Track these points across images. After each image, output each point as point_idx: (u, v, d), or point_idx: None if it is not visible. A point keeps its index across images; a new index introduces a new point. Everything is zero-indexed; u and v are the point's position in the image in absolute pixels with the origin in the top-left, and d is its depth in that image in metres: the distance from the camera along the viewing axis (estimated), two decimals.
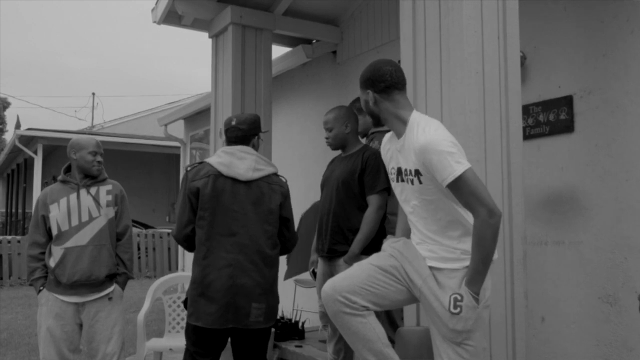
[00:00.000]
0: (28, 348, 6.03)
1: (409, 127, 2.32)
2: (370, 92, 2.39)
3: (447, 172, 2.15)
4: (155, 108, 21.29)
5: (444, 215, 2.29)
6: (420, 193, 2.29)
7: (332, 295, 2.35)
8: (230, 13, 4.98)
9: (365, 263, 2.45)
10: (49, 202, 3.57)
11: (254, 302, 2.97)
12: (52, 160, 18.74)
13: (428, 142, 2.20)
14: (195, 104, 9.52)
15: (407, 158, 2.31)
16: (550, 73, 3.82)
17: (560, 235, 3.70)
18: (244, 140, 3.16)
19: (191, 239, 3.07)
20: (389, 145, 2.50)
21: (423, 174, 2.25)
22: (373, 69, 2.43)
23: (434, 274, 2.30)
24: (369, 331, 2.33)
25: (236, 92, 4.99)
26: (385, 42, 5.47)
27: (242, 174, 3.04)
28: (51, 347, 3.48)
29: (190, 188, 3.02)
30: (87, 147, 3.62)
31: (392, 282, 2.36)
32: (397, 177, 2.41)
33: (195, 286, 2.99)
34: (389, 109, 2.39)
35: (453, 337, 2.23)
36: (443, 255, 2.30)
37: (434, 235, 2.32)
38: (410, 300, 2.44)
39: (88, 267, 3.48)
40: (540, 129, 3.82)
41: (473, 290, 2.19)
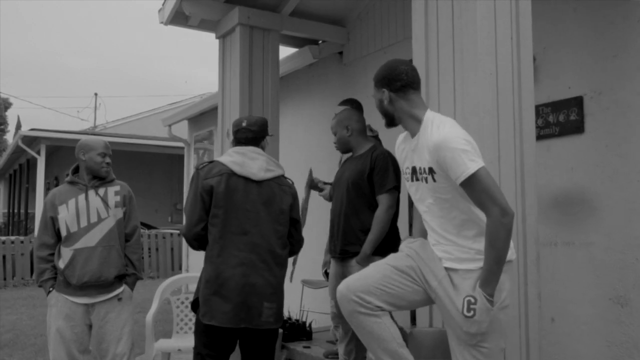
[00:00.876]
0: (34, 349, 6.02)
1: (424, 125, 2.32)
2: (386, 91, 2.39)
3: (461, 170, 2.15)
4: (158, 108, 21.28)
5: (458, 214, 2.29)
6: (435, 191, 2.29)
7: (347, 295, 2.35)
8: (238, 14, 4.98)
9: (381, 263, 2.44)
10: (58, 203, 3.56)
11: (265, 301, 2.97)
12: (55, 160, 18.75)
13: (442, 140, 2.20)
14: (199, 104, 9.53)
15: (422, 156, 2.30)
16: (560, 74, 3.82)
17: (571, 236, 3.69)
18: (254, 142, 3.18)
19: (202, 237, 3.06)
20: (403, 145, 2.50)
21: (437, 172, 2.24)
22: (389, 68, 2.43)
23: (449, 275, 2.30)
24: (383, 331, 2.33)
25: (244, 93, 4.99)
26: (392, 42, 5.47)
27: (254, 174, 3.05)
28: (61, 348, 3.48)
29: (204, 186, 3.02)
30: (97, 148, 3.62)
31: (408, 283, 2.35)
32: (411, 177, 2.41)
33: (209, 285, 2.97)
34: (404, 108, 2.38)
35: (467, 339, 2.22)
36: (458, 256, 2.29)
37: (449, 235, 2.31)
38: (426, 302, 2.43)
39: (97, 268, 3.47)
40: (550, 130, 3.81)
41: (487, 292, 2.17)
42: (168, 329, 6.08)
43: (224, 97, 5.26)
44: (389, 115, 2.44)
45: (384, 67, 2.47)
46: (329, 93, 6.45)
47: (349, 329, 3.57)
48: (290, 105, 6.90)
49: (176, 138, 10.43)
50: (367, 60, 5.85)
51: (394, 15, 5.48)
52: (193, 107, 9.75)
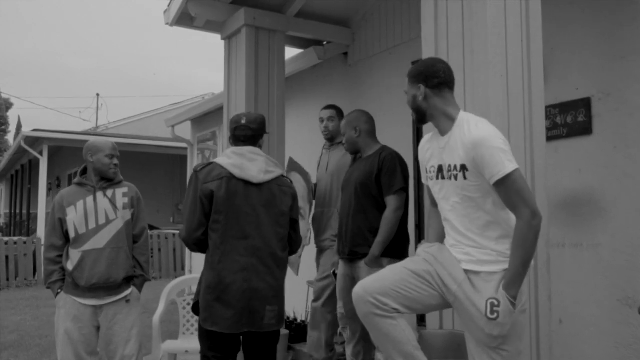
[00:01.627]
0: (39, 350, 6.02)
1: (457, 124, 2.33)
2: (422, 87, 2.39)
3: (498, 169, 2.17)
4: (160, 109, 21.29)
5: (483, 215, 2.29)
6: (463, 189, 2.29)
7: (363, 296, 2.35)
8: (244, 15, 4.98)
9: (398, 266, 2.44)
10: (66, 205, 3.56)
11: (268, 305, 2.95)
12: (56, 161, 18.76)
13: (483, 137, 2.21)
14: (202, 105, 9.54)
15: (453, 154, 2.31)
16: (568, 75, 3.81)
17: (579, 237, 3.69)
18: (253, 140, 3.13)
19: (202, 242, 3.01)
20: (429, 144, 2.51)
21: (470, 169, 2.25)
22: (427, 65, 2.45)
23: (470, 278, 2.29)
24: (399, 333, 2.33)
25: (250, 94, 4.99)
26: (398, 43, 5.47)
27: (254, 176, 3.00)
28: (69, 349, 3.48)
29: (203, 190, 2.95)
30: (104, 150, 3.62)
31: (424, 287, 2.35)
32: (437, 175, 2.41)
33: (210, 291, 2.93)
34: (438, 106, 2.39)
35: (489, 342, 2.22)
36: (480, 258, 2.29)
37: (472, 235, 2.31)
38: (442, 306, 2.43)
39: (106, 270, 3.48)
40: (557, 131, 3.81)
41: (511, 294, 2.18)
42: (172, 329, 6.08)
43: (229, 98, 5.26)
44: (422, 111, 2.44)
45: (421, 63, 2.49)
46: (333, 94, 6.44)
47: (356, 330, 3.57)
48: (295, 106, 6.89)
49: (179, 139, 10.44)
50: (373, 61, 5.85)
51: (400, 15, 5.48)
52: (196, 107, 9.75)
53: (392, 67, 5.57)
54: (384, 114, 5.44)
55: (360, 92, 5.99)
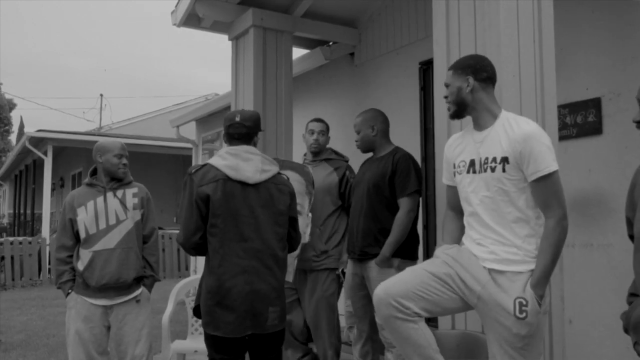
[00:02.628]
0: (47, 349, 6.03)
1: (500, 120, 2.37)
2: (471, 79, 2.40)
3: (544, 165, 2.21)
4: (163, 109, 21.31)
5: (513, 210, 2.31)
6: (499, 181, 2.31)
7: (385, 299, 2.35)
8: (252, 16, 4.99)
9: (418, 268, 2.45)
10: (77, 205, 3.57)
11: (270, 306, 2.90)
12: (60, 161, 18.78)
13: (534, 133, 2.26)
14: (207, 106, 9.57)
15: (493, 147, 2.33)
16: (578, 75, 3.81)
17: (589, 237, 3.69)
18: (247, 138, 3.02)
19: (200, 246, 2.93)
20: (460, 139, 2.54)
21: (511, 162, 2.27)
22: (476, 58, 2.48)
23: (494, 277, 2.30)
24: (420, 337, 2.33)
25: (258, 95, 5.00)
26: (405, 44, 5.48)
27: (250, 177, 2.90)
28: (80, 349, 3.49)
29: (199, 194, 2.87)
30: (113, 150, 3.62)
31: (445, 290, 2.36)
32: (468, 169, 2.42)
33: (210, 295, 2.86)
34: (483, 100, 2.41)
35: (516, 341, 2.23)
36: (506, 257, 2.29)
37: (501, 229, 2.32)
38: (461, 309, 2.44)
39: (116, 270, 3.48)
40: (567, 131, 3.81)
41: (538, 294, 2.21)
42: (178, 329, 6.09)
43: (237, 98, 5.27)
44: (464, 104, 2.44)
45: (469, 56, 2.52)
46: (340, 94, 6.45)
47: (364, 330, 3.57)
48: (301, 107, 6.90)
49: (184, 139, 10.47)
50: (379, 62, 5.86)
51: (407, 16, 5.48)
52: (201, 108, 9.79)
53: (399, 68, 5.57)
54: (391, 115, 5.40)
55: (367, 92, 5.99)
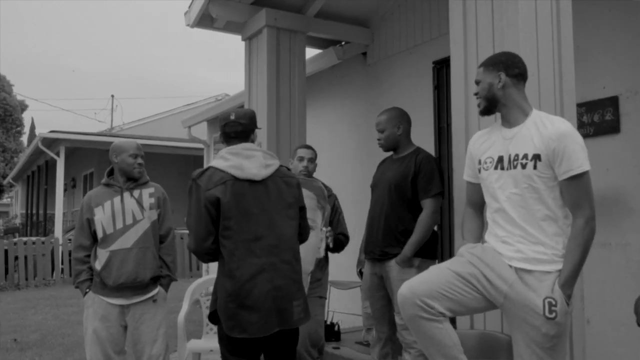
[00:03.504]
0: (62, 349, 6.07)
1: (532, 118, 2.37)
2: (502, 75, 2.40)
3: (577, 164, 2.22)
4: (173, 110, 21.42)
5: (542, 208, 2.30)
6: (529, 179, 2.30)
7: (411, 298, 2.34)
8: (265, 16, 4.99)
9: (442, 268, 2.43)
10: (94, 205, 3.59)
11: (294, 300, 2.87)
12: (71, 162, 18.90)
13: (569, 132, 2.27)
14: (219, 106, 9.60)
15: (525, 144, 2.33)
16: (594, 74, 3.79)
17: (606, 237, 3.67)
18: (243, 135, 2.98)
19: (214, 251, 2.87)
20: (486, 137, 2.53)
21: (543, 160, 2.27)
22: (507, 54, 2.47)
23: (521, 276, 2.29)
24: (444, 337, 2.32)
25: (271, 95, 5.00)
26: (419, 43, 5.47)
27: (256, 174, 2.86)
28: (97, 348, 3.51)
29: (208, 197, 2.81)
30: (128, 150, 3.64)
31: (469, 290, 2.34)
32: (496, 165, 2.41)
33: (231, 299, 2.80)
34: (514, 96, 2.41)
35: (544, 341, 2.21)
36: (533, 257, 2.28)
37: (528, 226, 2.31)
38: (485, 309, 2.43)
39: (133, 270, 3.50)
40: (584, 130, 3.79)
41: (566, 294, 2.20)
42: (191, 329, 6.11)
43: (250, 98, 5.28)
44: (495, 100, 2.43)
45: (501, 53, 2.51)
46: (352, 94, 6.45)
47: (383, 331, 3.55)
48: (314, 107, 6.90)
49: (196, 140, 10.52)
50: (392, 61, 5.85)
51: (420, 15, 5.47)
52: (213, 108, 9.82)
53: (412, 67, 5.57)
54: None
55: (380, 92, 5.99)
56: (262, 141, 4.90)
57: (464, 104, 2.97)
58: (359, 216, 5.08)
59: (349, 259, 4.43)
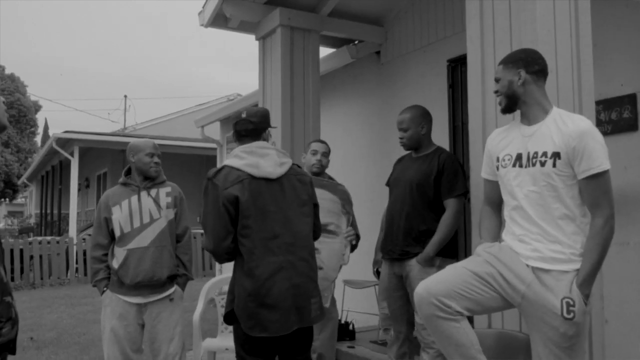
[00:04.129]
0: (78, 347, 6.12)
1: (552, 116, 2.35)
2: (522, 72, 2.38)
3: (597, 163, 2.20)
4: (186, 110, 21.48)
5: (560, 207, 2.28)
6: (548, 177, 2.28)
7: (427, 298, 2.33)
8: (279, 15, 5.00)
9: (459, 267, 2.42)
10: (111, 204, 3.62)
11: (312, 297, 2.88)
12: (85, 162, 19.04)
13: (591, 130, 2.25)
14: (232, 106, 9.63)
15: (544, 141, 2.31)
16: (612, 71, 3.76)
17: (625, 236, 3.64)
18: (255, 134, 2.98)
19: (233, 250, 2.86)
20: (504, 134, 2.51)
21: (562, 158, 2.26)
22: (527, 51, 2.45)
23: (538, 276, 2.27)
24: (462, 336, 2.31)
25: (285, 94, 5.01)
26: (432, 41, 5.45)
27: (271, 172, 2.87)
28: (115, 347, 3.53)
29: (226, 196, 2.79)
30: (144, 149, 3.66)
31: (486, 289, 2.34)
32: (514, 162, 2.40)
33: (251, 298, 2.78)
34: (534, 93, 2.39)
35: (562, 341, 2.20)
36: (550, 256, 2.27)
37: (546, 225, 2.30)
38: (502, 308, 2.41)
39: (150, 268, 3.52)
40: (602, 128, 3.75)
41: (584, 293, 2.18)
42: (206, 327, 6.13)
43: (264, 98, 5.29)
44: (516, 97, 2.41)
45: (520, 50, 2.50)
46: (366, 93, 6.44)
47: (401, 331, 3.53)
48: (327, 105, 6.90)
49: (209, 139, 10.55)
50: (405, 60, 5.84)
51: (434, 13, 5.46)
52: (226, 108, 9.86)
53: (426, 66, 5.55)
54: None
55: (393, 90, 5.97)
56: (276, 140, 4.90)
57: (480, 103, 2.96)
58: (372, 215, 5.08)
59: (364, 258, 4.42)
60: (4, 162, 31.89)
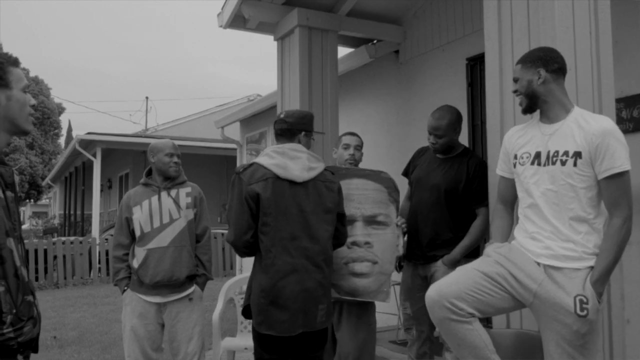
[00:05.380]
0: (101, 346, 6.20)
1: (573, 115, 2.34)
2: (542, 71, 2.37)
3: (619, 163, 2.19)
4: (206, 110, 21.63)
5: (576, 207, 2.27)
6: (568, 176, 2.27)
7: (439, 301, 2.33)
8: (297, 15, 5.01)
9: (470, 268, 2.42)
10: (132, 204, 3.67)
11: (320, 304, 2.91)
12: (108, 163, 19.27)
13: (613, 130, 2.24)
14: (252, 106, 9.67)
15: (566, 140, 2.30)
16: (633, 68, 3.71)
17: None
18: (289, 134, 3.01)
19: (252, 245, 2.91)
20: (522, 132, 2.50)
21: (584, 157, 2.25)
22: (545, 49, 2.44)
23: (549, 274, 2.27)
24: (475, 338, 2.31)
25: (304, 94, 5.02)
26: (452, 40, 5.42)
27: (298, 176, 2.90)
28: (135, 345, 3.58)
29: (249, 192, 2.85)
30: (164, 149, 3.70)
31: (497, 290, 2.33)
32: (533, 160, 2.39)
33: (264, 294, 2.85)
34: (555, 92, 2.38)
35: (575, 339, 2.19)
36: (562, 254, 2.26)
37: (559, 224, 2.29)
38: (515, 308, 2.41)
39: (170, 268, 3.55)
40: (623, 126, 3.70)
41: (598, 291, 2.18)
42: (225, 327, 6.18)
43: (283, 98, 5.31)
44: (536, 96, 2.39)
45: (538, 49, 2.48)
46: (385, 92, 6.43)
47: (423, 330, 3.51)
48: (346, 105, 6.90)
49: (229, 140, 10.62)
50: (424, 59, 5.81)
51: (452, 11, 5.43)
52: (245, 109, 9.90)
53: (445, 65, 5.52)
54: None
55: (413, 90, 5.96)
56: None
57: (499, 102, 2.94)
58: None
59: None
60: (29, 163, 32.39)
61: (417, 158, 3.71)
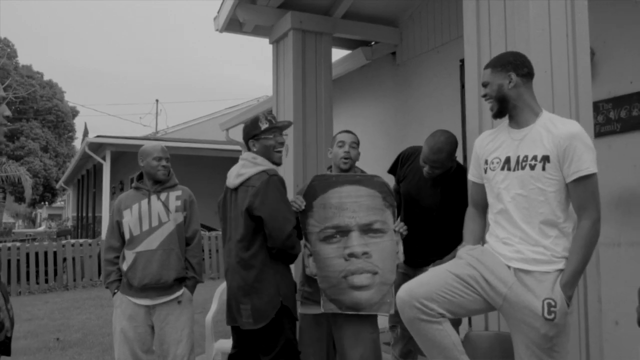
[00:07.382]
0: (102, 348, 6.27)
1: (542, 119, 2.35)
2: (513, 75, 2.38)
3: (585, 166, 2.21)
4: (216, 113, 21.73)
5: (546, 211, 2.28)
6: (537, 180, 2.28)
7: (409, 301, 2.34)
8: (291, 19, 5.04)
9: (441, 269, 2.43)
10: (123, 208, 3.71)
11: (240, 303, 3.14)
12: (119, 165, 19.43)
13: (580, 133, 2.25)
14: (254, 109, 9.71)
15: (534, 145, 2.31)
16: (621, 69, 3.69)
17: (635, 235, 3.57)
18: (246, 146, 3.35)
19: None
20: (492, 137, 2.51)
21: (552, 161, 2.26)
22: (515, 54, 2.45)
23: (520, 277, 2.28)
24: (444, 338, 2.32)
25: (297, 97, 5.04)
26: (446, 41, 5.42)
27: (230, 182, 3.28)
28: (125, 347, 3.62)
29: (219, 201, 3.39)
30: (152, 153, 3.74)
31: (468, 292, 2.34)
32: (502, 166, 2.40)
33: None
34: (524, 96, 2.39)
35: (543, 343, 2.20)
36: (532, 257, 2.28)
37: (529, 229, 2.30)
38: (484, 310, 2.42)
39: (157, 271, 3.59)
40: (611, 127, 3.69)
41: (568, 295, 2.19)
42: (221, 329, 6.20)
43: (277, 101, 5.34)
44: (507, 100, 2.40)
45: (507, 53, 2.49)
46: (382, 94, 6.44)
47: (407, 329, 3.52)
48: (344, 107, 6.93)
49: (233, 142, 10.66)
50: (421, 60, 5.82)
51: (447, 13, 5.43)
52: (249, 111, 9.94)
53: (440, 66, 5.52)
54: (432, 113, 5.40)
55: (409, 92, 5.96)
56: (289, 144, 4.94)
57: (477, 105, 2.95)
58: None
59: None
60: (43, 166, 32.75)
61: (406, 164, 3.64)
